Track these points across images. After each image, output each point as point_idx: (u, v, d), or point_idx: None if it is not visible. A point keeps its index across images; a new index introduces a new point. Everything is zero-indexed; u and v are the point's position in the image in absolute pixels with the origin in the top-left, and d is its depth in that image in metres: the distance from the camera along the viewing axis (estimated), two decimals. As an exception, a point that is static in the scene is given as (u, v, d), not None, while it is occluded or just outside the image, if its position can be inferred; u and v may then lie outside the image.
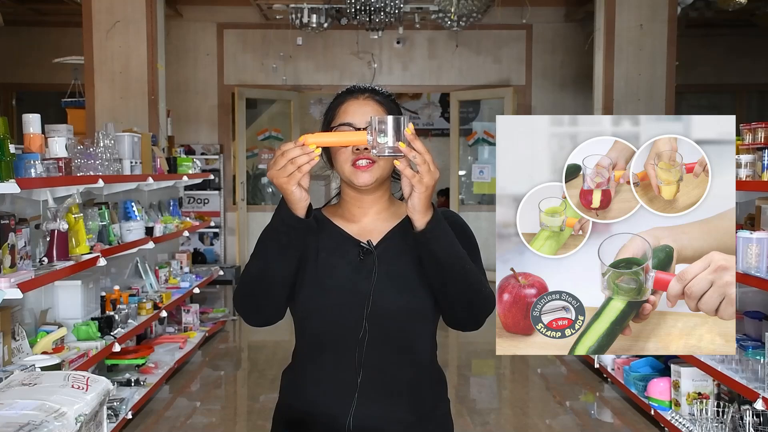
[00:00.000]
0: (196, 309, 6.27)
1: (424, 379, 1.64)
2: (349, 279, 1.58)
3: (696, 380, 4.05)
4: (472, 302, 1.56)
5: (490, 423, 4.55)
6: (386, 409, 1.58)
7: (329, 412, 1.58)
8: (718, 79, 9.93)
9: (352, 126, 1.61)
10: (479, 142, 9.86)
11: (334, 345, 1.59)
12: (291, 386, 1.68)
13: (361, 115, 1.62)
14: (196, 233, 8.95)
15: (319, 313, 1.59)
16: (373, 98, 1.65)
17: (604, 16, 6.76)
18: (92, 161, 4.04)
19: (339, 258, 1.61)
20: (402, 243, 1.60)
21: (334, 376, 1.59)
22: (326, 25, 8.45)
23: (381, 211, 1.67)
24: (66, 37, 8.83)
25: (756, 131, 3.50)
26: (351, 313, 1.57)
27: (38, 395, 1.43)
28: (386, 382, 1.58)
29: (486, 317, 1.60)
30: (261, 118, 10.29)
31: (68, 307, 4.03)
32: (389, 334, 1.57)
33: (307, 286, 1.60)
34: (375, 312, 1.56)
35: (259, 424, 4.50)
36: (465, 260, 1.54)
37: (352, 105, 1.64)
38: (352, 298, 1.57)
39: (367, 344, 1.57)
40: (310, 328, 1.63)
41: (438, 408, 1.68)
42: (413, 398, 1.61)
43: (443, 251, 1.51)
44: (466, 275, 1.53)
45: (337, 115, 1.65)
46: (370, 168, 1.58)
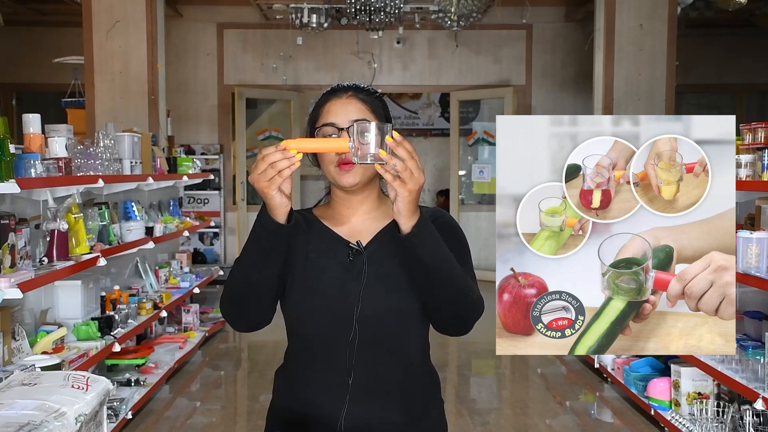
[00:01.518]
0: (196, 309, 6.27)
1: (416, 380, 1.63)
2: (339, 280, 1.57)
3: (696, 380, 4.05)
4: (458, 306, 1.55)
5: (490, 423, 4.55)
6: (378, 411, 1.57)
7: (321, 413, 1.57)
8: (718, 79, 9.93)
9: (335, 125, 1.59)
10: (479, 142, 9.86)
11: (324, 346, 1.58)
12: (283, 387, 1.68)
13: (344, 115, 1.60)
14: (196, 233, 8.95)
15: (308, 314, 1.58)
16: (356, 96, 1.63)
17: (604, 16, 6.76)
18: (92, 161, 4.04)
19: (328, 259, 1.60)
20: (392, 243, 1.57)
21: (325, 378, 1.58)
22: (326, 25, 8.45)
23: (371, 211, 1.66)
24: (66, 37, 8.83)
25: (756, 131, 3.50)
26: (341, 314, 1.56)
27: (38, 395, 1.43)
28: (377, 384, 1.58)
29: (474, 322, 1.58)
30: (261, 118, 10.30)
31: (68, 307, 4.03)
32: (379, 335, 1.56)
33: (297, 288, 1.59)
34: (365, 313, 1.55)
35: (259, 424, 4.49)
36: (452, 265, 1.52)
37: (334, 104, 1.62)
38: (342, 300, 1.56)
39: (357, 346, 1.55)
40: (300, 330, 1.62)
41: (430, 409, 1.67)
42: (405, 399, 1.60)
43: (429, 255, 1.48)
44: (452, 280, 1.52)
45: (320, 115, 1.63)
46: (355, 168, 1.57)
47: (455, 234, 1.64)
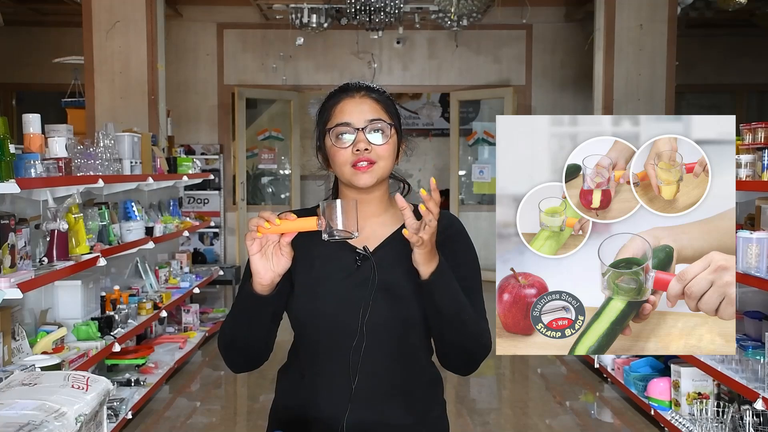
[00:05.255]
0: (196, 309, 6.27)
1: (419, 382, 1.63)
2: (345, 287, 1.56)
3: (696, 380, 4.05)
4: (468, 351, 1.56)
5: (490, 423, 4.55)
6: (381, 413, 1.57)
7: (324, 415, 1.57)
8: (718, 79, 9.93)
9: (351, 126, 1.56)
10: (479, 142, 9.86)
11: (328, 351, 1.58)
12: (286, 387, 1.68)
13: (359, 114, 1.57)
14: (196, 233, 8.95)
15: (314, 320, 1.58)
16: (369, 96, 1.60)
17: (604, 16, 6.76)
18: (92, 161, 4.04)
19: (334, 265, 1.59)
20: (400, 250, 1.56)
21: (328, 381, 1.58)
22: (326, 25, 8.45)
23: (379, 214, 1.64)
24: (66, 37, 8.83)
25: (756, 131, 3.50)
26: (347, 320, 1.55)
27: (38, 395, 1.43)
28: (381, 387, 1.58)
29: (479, 363, 1.60)
30: (261, 118, 10.30)
31: (68, 307, 4.03)
32: (385, 340, 1.56)
33: (302, 294, 1.58)
34: (372, 321, 1.54)
35: (259, 424, 4.50)
36: (465, 310, 1.53)
37: (348, 104, 1.59)
38: (348, 306, 1.55)
39: (362, 351, 1.55)
40: (305, 335, 1.61)
41: (433, 410, 1.67)
42: (408, 401, 1.60)
43: (445, 302, 1.50)
44: (465, 325, 1.53)
45: (333, 115, 1.59)
46: (370, 169, 1.56)
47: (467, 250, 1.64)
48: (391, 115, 1.61)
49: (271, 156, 10.09)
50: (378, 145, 1.56)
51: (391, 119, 1.60)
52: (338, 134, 1.57)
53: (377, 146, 1.56)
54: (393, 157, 1.60)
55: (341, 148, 1.56)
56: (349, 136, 1.56)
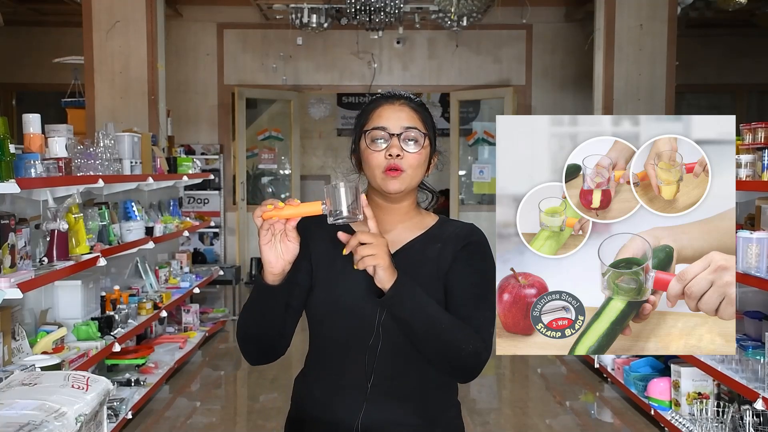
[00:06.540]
0: (196, 309, 6.27)
1: (434, 384, 1.64)
2: (364, 285, 1.57)
3: (696, 380, 4.05)
4: (448, 360, 1.55)
5: (490, 423, 4.55)
6: (395, 413, 1.59)
7: (338, 415, 1.59)
8: (718, 79, 9.93)
9: (386, 130, 1.60)
10: (479, 142, 9.86)
11: (345, 351, 1.60)
12: (302, 390, 1.70)
13: (395, 120, 1.61)
14: (196, 233, 8.95)
15: (331, 320, 1.61)
16: (408, 104, 1.65)
17: (604, 16, 6.76)
18: (92, 161, 4.04)
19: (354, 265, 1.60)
20: (421, 254, 1.61)
21: (344, 381, 1.60)
22: (326, 25, 8.45)
23: (405, 220, 1.68)
24: (66, 37, 8.82)
25: (756, 131, 3.50)
26: (364, 321, 1.58)
27: (38, 395, 1.43)
28: (395, 387, 1.59)
29: (476, 371, 1.57)
30: (261, 118, 10.30)
31: (68, 307, 4.03)
32: (401, 342, 1.57)
33: (322, 289, 1.61)
34: (387, 319, 1.56)
35: (259, 423, 4.50)
36: (435, 322, 1.51)
37: (386, 110, 1.63)
38: (366, 303, 1.57)
39: (379, 351, 1.57)
40: (322, 335, 1.64)
41: (447, 411, 1.68)
42: (422, 402, 1.61)
43: (408, 314, 1.50)
44: (438, 336, 1.51)
45: (371, 119, 1.64)
46: (401, 175, 1.59)
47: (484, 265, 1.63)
48: (427, 126, 1.65)
49: (271, 156, 10.10)
50: (410, 153, 1.60)
51: (426, 130, 1.64)
52: (373, 138, 1.61)
53: (409, 154, 1.60)
54: (424, 167, 1.64)
55: (375, 151, 1.60)
56: (383, 141, 1.60)
